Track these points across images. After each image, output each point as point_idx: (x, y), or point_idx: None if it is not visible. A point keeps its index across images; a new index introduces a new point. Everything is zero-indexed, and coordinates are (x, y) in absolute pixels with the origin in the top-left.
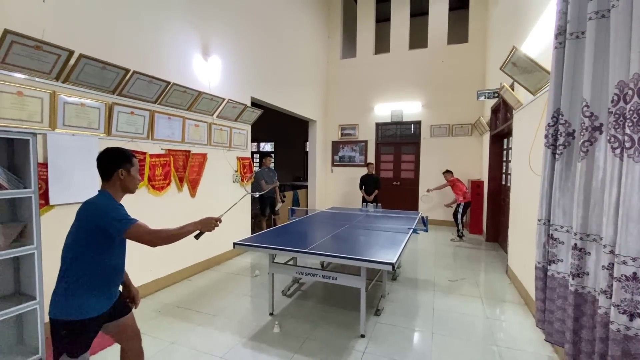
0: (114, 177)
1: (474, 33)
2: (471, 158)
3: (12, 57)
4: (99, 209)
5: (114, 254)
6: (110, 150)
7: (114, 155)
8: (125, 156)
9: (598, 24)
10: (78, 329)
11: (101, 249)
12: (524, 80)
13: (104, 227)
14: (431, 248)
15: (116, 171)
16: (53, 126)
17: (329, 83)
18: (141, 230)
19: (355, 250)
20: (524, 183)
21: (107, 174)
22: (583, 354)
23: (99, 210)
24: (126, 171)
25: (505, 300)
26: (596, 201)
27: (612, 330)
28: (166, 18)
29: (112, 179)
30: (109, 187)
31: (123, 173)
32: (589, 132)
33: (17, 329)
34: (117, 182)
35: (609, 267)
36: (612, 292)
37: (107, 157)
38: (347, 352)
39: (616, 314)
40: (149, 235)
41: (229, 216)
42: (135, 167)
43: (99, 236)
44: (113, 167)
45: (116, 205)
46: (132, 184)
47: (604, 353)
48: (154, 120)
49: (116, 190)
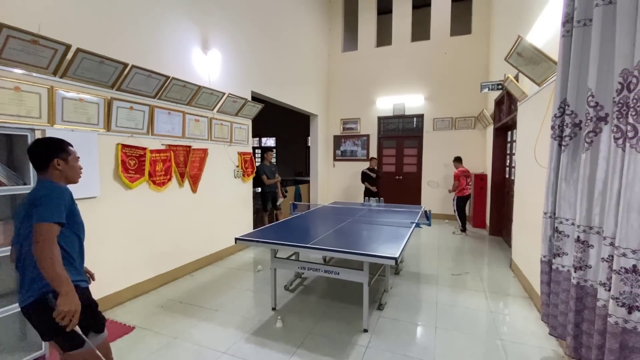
0: (50, 167)
1: (477, 24)
2: (474, 151)
3: (8, 52)
4: (37, 195)
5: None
6: (42, 141)
7: (48, 145)
8: (59, 146)
9: (605, 11)
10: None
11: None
12: (530, 71)
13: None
14: (434, 242)
15: (52, 162)
16: (52, 122)
17: (331, 77)
18: (45, 233)
19: (358, 245)
20: (529, 176)
21: (42, 164)
22: (584, 347)
23: (36, 197)
24: (63, 160)
25: (509, 294)
26: (599, 193)
27: (610, 323)
28: (165, 11)
29: (48, 169)
30: (46, 177)
31: (59, 163)
32: (594, 123)
33: (21, 325)
34: (54, 172)
35: (608, 259)
36: (611, 285)
37: (41, 147)
38: (350, 347)
39: (615, 307)
40: (44, 243)
41: (231, 211)
42: (72, 156)
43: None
44: (49, 157)
45: (58, 193)
46: (72, 174)
47: (602, 345)
48: (153, 115)
49: (59, 180)
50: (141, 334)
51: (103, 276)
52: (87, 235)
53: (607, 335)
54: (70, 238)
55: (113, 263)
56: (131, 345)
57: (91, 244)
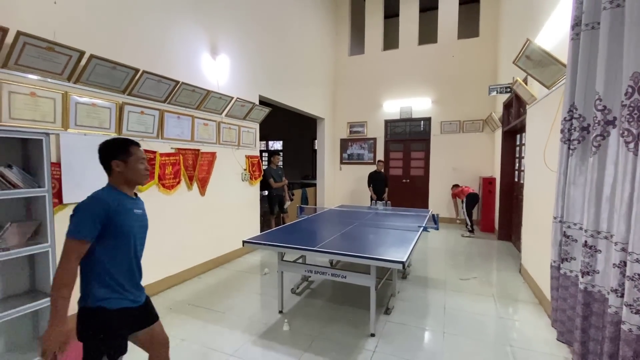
0: (112, 169)
1: (485, 27)
2: (483, 155)
3: (25, 59)
4: (79, 204)
5: (113, 252)
6: (104, 143)
7: (107, 148)
8: (117, 147)
9: (613, 14)
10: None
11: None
12: (538, 74)
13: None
14: (442, 246)
15: (110, 163)
16: (65, 126)
17: (337, 80)
18: (66, 249)
19: (365, 249)
20: (538, 180)
21: (104, 167)
22: (591, 354)
23: (77, 205)
24: (122, 162)
25: (519, 299)
26: (607, 197)
27: (623, 330)
28: (175, 18)
29: (112, 172)
30: (112, 181)
31: (119, 165)
32: (602, 126)
33: (33, 325)
34: (116, 175)
35: (620, 265)
36: (623, 291)
37: (101, 150)
38: (357, 351)
39: (628, 314)
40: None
41: (239, 214)
42: (135, 157)
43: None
44: (108, 159)
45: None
46: (135, 175)
47: (614, 353)
48: (163, 120)
49: (118, 182)
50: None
51: None
52: None
53: (620, 343)
54: (112, 252)
55: None
56: None
57: None
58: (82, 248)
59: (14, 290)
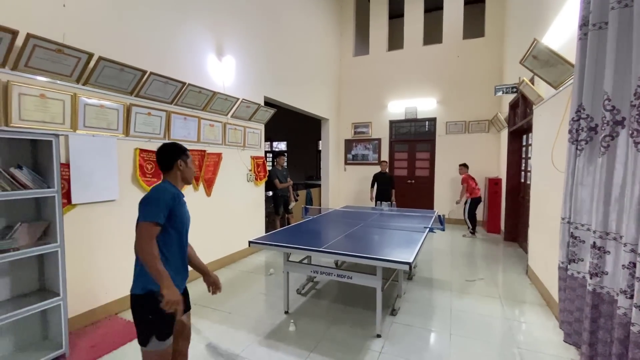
0: (174, 168)
1: (491, 27)
2: (488, 155)
3: (34, 61)
4: (146, 195)
5: (169, 238)
6: (169, 145)
7: (174, 149)
8: (182, 149)
9: (621, 14)
10: (156, 302)
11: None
12: (546, 73)
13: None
14: (447, 247)
15: (176, 162)
16: (74, 127)
17: (342, 81)
18: (143, 231)
19: (371, 250)
20: (545, 180)
21: (167, 165)
22: (600, 356)
23: (145, 196)
24: (184, 162)
25: (526, 301)
26: (617, 198)
27: (633, 332)
28: (181, 20)
29: (172, 170)
30: (169, 177)
31: (181, 164)
32: (610, 127)
33: (42, 324)
34: (177, 173)
35: (629, 266)
36: (633, 292)
37: (168, 150)
38: (363, 352)
39: (638, 315)
40: (142, 240)
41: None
42: (190, 159)
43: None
44: (173, 159)
45: (162, 195)
46: (189, 174)
47: (623, 355)
48: (170, 121)
49: (176, 180)
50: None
51: (121, 278)
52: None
53: (630, 345)
54: (168, 236)
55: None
56: None
57: (109, 246)
58: (155, 230)
59: (23, 290)
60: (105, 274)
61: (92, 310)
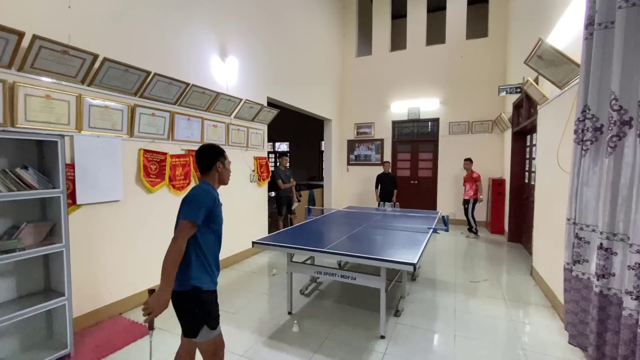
0: (213, 169)
1: (494, 27)
2: (492, 156)
3: (40, 62)
4: (188, 195)
5: (207, 238)
6: (208, 146)
7: (213, 150)
8: (221, 151)
9: (628, 13)
10: (213, 299)
11: (199, 231)
12: (550, 73)
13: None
14: (451, 248)
15: (215, 163)
16: (79, 128)
17: (345, 81)
18: (182, 229)
19: (374, 250)
20: (550, 181)
21: (206, 166)
22: (607, 358)
23: (187, 196)
24: (222, 164)
25: (531, 302)
26: (624, 199)
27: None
28: (185, 21)
29: (211, 170)
30: (208, 178)
31: (220, 165)
32: (618, 127)
33: (47, 324)
34: (215, 174)
35: (635, 267)
36: (638, 294)
37: (208, 151)
38: (367, 353)
39: None
40: (180, 237)
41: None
42: (228, 161)
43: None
44: (213, 160)
45: (203, 197)
46: (226, 176)
47: (628, 357)
48: (174, 121)
49: (214, 180)
50: (161, 336)
51: (125, 277)
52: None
53: (637, 347)
54: (207, 235)
55: (134, 265)
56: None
57: (114, 246)
58: (193, 230)
59: (28, 290)
60: (109, 274)
61: (96, 310)
